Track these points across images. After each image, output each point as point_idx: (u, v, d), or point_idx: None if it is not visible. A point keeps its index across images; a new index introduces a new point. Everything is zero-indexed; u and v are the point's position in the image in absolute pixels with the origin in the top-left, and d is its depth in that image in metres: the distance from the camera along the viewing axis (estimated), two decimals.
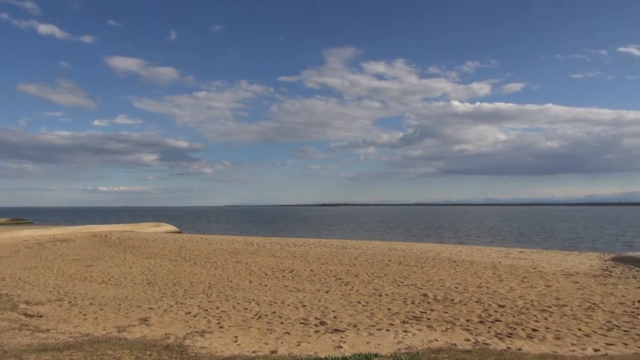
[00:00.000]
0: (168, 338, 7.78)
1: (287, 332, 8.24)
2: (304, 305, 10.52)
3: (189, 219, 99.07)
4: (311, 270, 16.46)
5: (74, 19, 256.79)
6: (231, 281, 14.15)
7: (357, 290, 12.44)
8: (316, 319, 9.25)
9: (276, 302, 10.91)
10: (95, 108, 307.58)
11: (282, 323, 8.95)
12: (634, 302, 10.70)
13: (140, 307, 10.54)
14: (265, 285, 13.35)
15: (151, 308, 10.41)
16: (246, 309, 10.27)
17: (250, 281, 14.14)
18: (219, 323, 9.00)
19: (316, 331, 8.32)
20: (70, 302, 11.12)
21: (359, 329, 8.38)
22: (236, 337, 7.98)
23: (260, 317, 9.42)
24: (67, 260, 19.99)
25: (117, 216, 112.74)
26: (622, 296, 11.44)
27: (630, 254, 20.91)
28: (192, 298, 11.56)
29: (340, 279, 14.51)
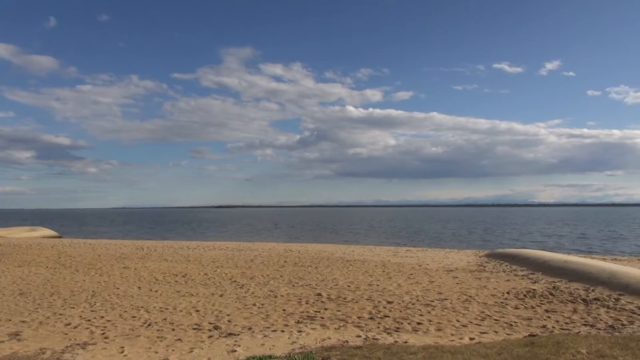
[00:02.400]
0: (44, 353, 7.11)
1: (179, 339, 7.95)
2: (197, 310, 10.22)
3: (70, 222, 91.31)
4: (205, 274, 16.04)
5: None
6: (118, 288, 13.30)
7: (252, 293, 12.36)
8: (210, 323, 9.04)
9: (167, 309, 10.47)
10: None
11: (173, 330, 8.60)
12: (504, 293, 11.88)
13: (10, 320, 9.50)
14: (156, 291, 12.74)
15: (24, 321, 9.43)
16: (134, 317, 9.72)
17: (139, 287, 13.41)
18: (103, 333, 8.41)
19: (210, 336, 8.13)
20: None
21: (253, 332, 8.34)
22: (122, 347, 7.52)
23: (149, 325, 8.97)
24: None
25: None
26: (494, 288, 12.65)
27: (500, 250, 23.21)
28: (73, 308, 10.67)
29: (235, 281, 14.32)
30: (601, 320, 8.94)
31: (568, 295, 11.29)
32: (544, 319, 9.15)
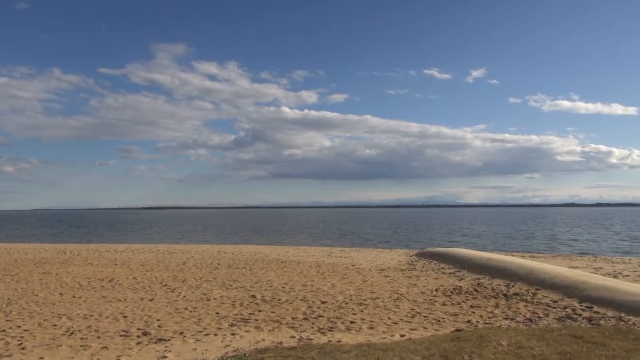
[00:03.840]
0: None
1: (105, 347, 7.58)
2: (125, 316, 9.79)
3: None
4: (134, 278, 15.42)
5: None
6: (37, 295, 12.46)
7: (184, 296, 12.03)
8: (139, 329, 8.69)
9: (92, 315, 9.95)
10: None
11: (99, 337, 8.19)
12: (432, 291, 12.37)
13: None
14: (80, 297, 12.07)
15: None
16: (55, 325, 9.14)
17: (61, 294, 12.64)
18: (20, 344, 7.84)
19: (138, 343, 7.81)
20: None
21: (185, 336, 8.12)
22: (42, 358, 7.05)
23: (72, 333, 8.48)
24: None
25: None
26: (423, 286, 13.13)
27: (429, 249, 24.13)
28: None
29: (166, 285, 13.87)
30: (520, 313, 9.54)
31: (491, 291, 11.94)
32: (469, 314, 9.62)
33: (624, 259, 21.71)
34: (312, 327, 8.69)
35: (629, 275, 14.84)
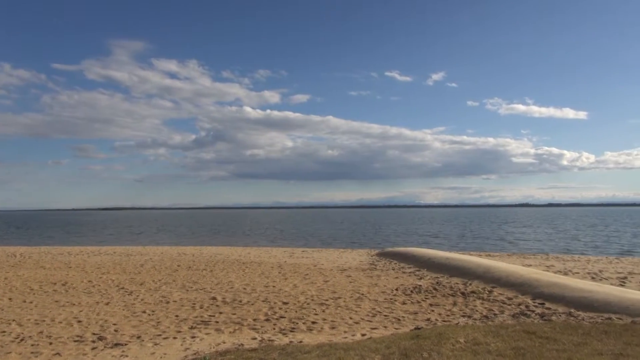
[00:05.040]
0: None
1: (58, 354, 7.30)
2: (79, 321, 9.46)
3: None
4: (89, 281, 14.92)
5: None
6: None
7: (142, 299, 11.74)
8: (94, 334, 8.41)
9: (44, 321, 9.56)
10: None
11: (51, 344, 7.87)
12: (393, 290, 12.55)
13: None
14: (31, 302, 11.58)
15: None
16: (4, 332, 8.73)
17: (10, 299, 12.09)
18: None
19: (93, 348, 7.57)
20: None
21: (143, 340, 7.92)
22: None
23: (22, 340, 8.12)
24: None
25: None
26: (384, 286, 13.30)
27: (390, 249, 24.47)
28: None
29: (123, 288, 13.49)
30: (477, 311, 9.81)
31: (449, 290, 12.23)
32: (429, 313, 9.82)
33: (573, 257, 22.68)
34: (274, 328, 8.65)
35: (578, 273, 15.52)
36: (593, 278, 14.17)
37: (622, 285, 12.63)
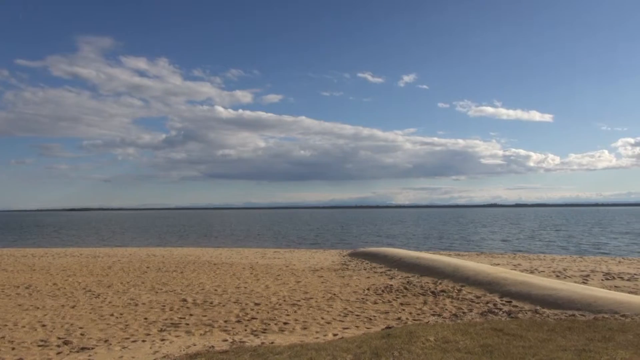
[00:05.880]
0: None
1: (20, 359, 7.07)
2: (43, 325, 9.18)
3: None
4: (54, 284, 14.51)
5: None
6: None
7: (109, 302, 11.48)
8: (59, 338, 8.18)
9: (6, 325, 9.24)
10: None
11: (13, 349, 7.62)
12: (364, 290, 12.63)
13: None
14: None
15: None
16: None
17: None
18: None
19: (58, 353, 7.35)
20: None
21: (110, 344, 7.74)
22: None
23: None
24: None
25: None
26: (356, 286, 13.38)
27: (362, 249, 24.63)
28: None
29: (90, 291, 13.17)
30: (447, 309, 9.98)
31: (420, 289, 12.39)
32: (400, 312, 9.93)
33: (539, 256, 23.32)
34: (245, 330, 8.59)
35: (543, 271, 15.96)
36: (558, 276, 14.60)
37: (584, 283, 13.06)
